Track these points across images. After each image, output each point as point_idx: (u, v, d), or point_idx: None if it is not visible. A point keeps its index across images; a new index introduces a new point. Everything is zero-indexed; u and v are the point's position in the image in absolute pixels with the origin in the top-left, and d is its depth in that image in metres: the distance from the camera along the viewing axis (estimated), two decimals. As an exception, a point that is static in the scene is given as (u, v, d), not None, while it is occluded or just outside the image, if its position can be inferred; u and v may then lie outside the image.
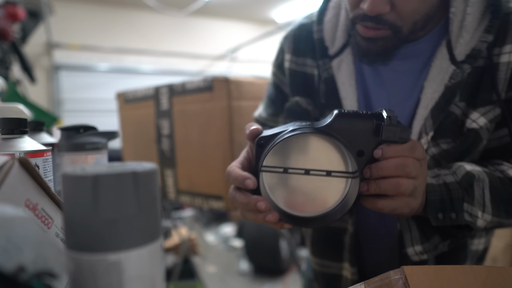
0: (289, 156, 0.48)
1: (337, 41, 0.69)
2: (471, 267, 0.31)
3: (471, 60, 0.58)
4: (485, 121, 0.59)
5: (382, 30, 0.58)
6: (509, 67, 0.58)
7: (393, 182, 0.46)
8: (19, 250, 0.23)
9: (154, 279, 0.26)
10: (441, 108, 0.59)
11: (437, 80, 0.60)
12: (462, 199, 0.55)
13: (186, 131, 1.30)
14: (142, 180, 0.25)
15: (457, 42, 0.59)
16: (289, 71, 0.75)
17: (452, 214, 0.54)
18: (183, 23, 5.45)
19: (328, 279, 0.78)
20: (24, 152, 0.54)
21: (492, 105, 0.59)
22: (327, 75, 0.69)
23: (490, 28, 0.57)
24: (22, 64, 2.30)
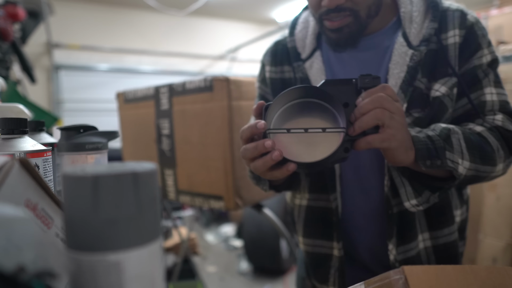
0: (291, 119, 0.59)
1: (307, 47, 0.84)
2: (471, 267, 0.31)
3: (425, 43, 0.73)
4: (445, 89, 0.73)
5: (345, 18, 0.71)
6: (455, 47, 0.74)
7: (371, 114, 0.57)
8: (19, 250, 0.23)
9: (154, 279, 0.26)
10: (408, 83, 0.73)
11: (400, 62, 0.74)
12: (444, 148, 0.65)
13: (186, 131, 1.30)
14: (142, 180, 0.25)
15: (410, 32, 0.75)
16: (270, 80, 0.89)
17: (438, 161, 0.64)
18: (183, 23, 5.45)
19: (320, 258, 0.85)
20: (24, 152, 0.54)
21: (449, 76, 0.74)
22: (302, 75, 0.83)
23: (434, 18, 0.74)
24: (22, 64, 2.29)
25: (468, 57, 0.75)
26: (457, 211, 0.81)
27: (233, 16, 5.70)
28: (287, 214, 2.61)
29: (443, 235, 0.77)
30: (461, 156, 0.66)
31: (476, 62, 0.75)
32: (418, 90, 0.73)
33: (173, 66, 5.39)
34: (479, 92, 0.75)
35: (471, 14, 0.77)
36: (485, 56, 0.75)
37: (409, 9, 0.77)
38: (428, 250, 0.77)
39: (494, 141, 0.71)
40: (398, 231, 0.75)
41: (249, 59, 5.86)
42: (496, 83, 0.77)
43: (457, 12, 0.77)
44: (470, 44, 0.75)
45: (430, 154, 0.64)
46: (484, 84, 0.75)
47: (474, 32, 0.75)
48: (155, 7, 4.46)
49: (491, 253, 1.94)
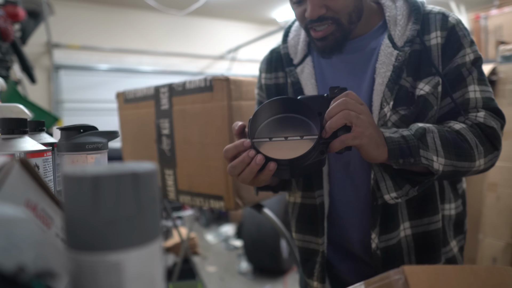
0: (272, 132, 0.66)
1: (299, 53, 0.90)
2: (471, 267, 0.31)
3: (409, 44, 0.78)
4: (429, 87, 0.77)
5: (328, 27, 0.77)
6: (438, 47, 0.78)
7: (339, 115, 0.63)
8: (19, 250, 0.23)
9: (154, 278, 0.26)
10: (394, 82, 0.77)
11: (386, 62, 0.79)
12: (418, 146, 0.70)
13: (186, 131, 1.30)
14: (141, 180, 0.25)
15: (395, 34, 0.80)
16: (265, 86, 0.96)
17: (411, 159, 0.69)
18: (183, 23, 5.45)
19: (307, 253, 0.91)
20: (24, 152, 0.54)
21: (432, 75, 0.78)
22: (293, 79, 0.89)
23: (416, 20, 0.79)
24: (22, 65, 2.29)
25: (451, 56, 0.79)
26: (451, 205, 0.85)
27: (233, 16, 5.70)
28: (287, 214, 2.61)
29: (422, 224, 0.81)
30: (435, 153, 0.71)
31: (459, 61, 0.78)
32: (404, 89, 0.78)
33: (173, 66, 5.39)
34: (463, 90, 0.79)
35: (452, 16, 0.81)
36: (467, 55, 0.79)
37: (393, 13, 0.82)
38: (408, 238, 0.81)
39: (472, 138, 0.75)
40: (381, 222, 0.79)
41: (249, 59, 5.86)
42: (480, 80, 0.80)
43: (439, 15, 0.81)
44: (452, 44, 0.79)
45: (402, 152, 0.69)
46: (468, 82, 0.79)
47: (456, 33, 0.79)
48: (155, 7, 4.46)
49: (491, 253, 1.94)
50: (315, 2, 0.74)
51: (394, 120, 0.77)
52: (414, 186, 0.74)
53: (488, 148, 0.76)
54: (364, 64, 0.83)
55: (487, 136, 0.77)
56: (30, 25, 2.50)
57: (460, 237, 0.89)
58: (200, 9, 4.76)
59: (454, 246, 0.86)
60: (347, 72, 0.85)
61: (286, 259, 3.01)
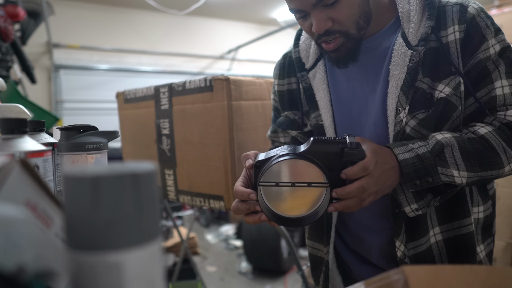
0: (279, 174, 0.64)
1: (311, 57, 0.87)
2: (471, 267, 0.31)
3: (423, 43, 0.72)
4: (449, 89, 0.71)
5: (337, 39, 0.74)
6: (457, 43, 0.72)
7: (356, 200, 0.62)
8: (19, 250, 0.23)
9: (154, 279, 0.26)
10: (409, 85, 0.72)
11: (400, 63, 0.73)
12: (434, 165, 0.67)
13: (186, 131, 1.30)
14: (141, 181, 0.25)
15: (409, 32, 0.74)
16: (278, 92, 0.94)
17: (429, 179, 0.67)
18: (183, 23, 5.45)
19: (315, 260, 0.91)
20: (24, 152, 0.54)
21: (453, 75, 0.72)
22: (305, 84, 0.86)
23: (430, 16, 0.73)
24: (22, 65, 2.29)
25: (472, 51, 0.72)
26: (480, 207, 0.80)
27: (233, 16, 5.70)
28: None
29: (453, 228, 0.76)
30: (456, 168, 0.67)
31: (481, 56, 0.72)
32: (420, 91, 0.72)
33: (173, 66, 5.39)
34: (489, 87, 0.72)
35: (472, 6, 0.73)
36: (492, 47, 0.72)
37: (406, 8, 0.75)
38: (440, 243, 0.77)
39: (499, 143, 0.69)
40: (407, 228, 0.75)
41: (249, 59, 5.86)
42: (510, 73, 0.72)
43: (456, 6, 0.74)
44: (473, 37, 0.72)
45: (418, 174, 0.67)
46: (494, 78, 0.72)
47: (476, 25, 0.72)
48: (155, 7, 4.46)
49: (491, 253, 1.94)
50: (320, 16, 0.71)
51: (413, 125, 0.72)
52: (436, 196, 0.71)
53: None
54: (378, 66, 0.78)
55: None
56: (30, 25, 2.50)
57: (489, 241, 0.83)
58: (200, 9, 4.76)
59: (481, 251, 0.81)
60: (361, 75, 0.81)
61: (286, 259, 3.01)
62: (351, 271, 0.89)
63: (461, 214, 0.76)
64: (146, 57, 5.22)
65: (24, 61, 2.27)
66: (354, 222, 0.85)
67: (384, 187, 0.66)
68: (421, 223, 0.75)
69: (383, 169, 0.65)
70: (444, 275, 0.30)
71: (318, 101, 0.84)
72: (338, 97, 0.84)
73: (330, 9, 0.70)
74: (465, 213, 0.76)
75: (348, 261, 0.89)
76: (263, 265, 3.06)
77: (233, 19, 5.84)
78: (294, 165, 0.64)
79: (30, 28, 2.50)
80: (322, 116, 0.84)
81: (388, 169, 0.65)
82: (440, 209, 0.76)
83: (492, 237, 0.84)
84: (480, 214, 0.80)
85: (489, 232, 0.83)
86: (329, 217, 0.85)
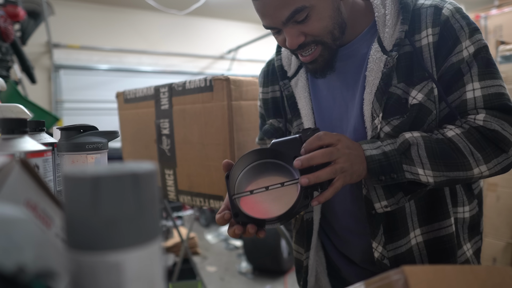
0: (252, 180, 0.65)
1: (293, 65, 0.87)
2: (471, 267, 0.31)
3: (397, 48, 0.71)
4: (422, 96, 0.71)
5: (314, 50, 0.73)
6: (430, 47, 0.71)
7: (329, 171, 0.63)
8: (19, 250, 0.23)
9: (154, 279, 0.26)
10: (383, 91, 0.72)
11: (375, 69, 0.73)
12: (400, 162, 0.68)
13: (186, 131, 1.30)
14: (141, 181, 0.25)
15: (384, 37, 0.73)
16: (263, 100, 0.94)
17: (394, 175, 0.68)
18: (183, 23, 5.45)
19: (298, 264, 0.92)
20: (24, 152, 0.54)
21: (426, 80, 0.71)
22: (288, 92, 0.86)
23: (403, 20, 0.72)
24: (22, 65, 2.29)
25: (446, 55, 0.71)
26: (465, 207, 0.80)
27: (233, 16, 5.70)
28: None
29: (433, 230, 0.77)
30: (421, 166, 0.68)
31: (454, 59, 0.70)
32: (395, 97, 0.72)
33: (173, 66, 5.39)
34: (461, 90, 0.71)
35: (446, 7, 0.72)
36: (466, 49, 0.70)
37: (382, 12, 0.74)
38: (420, 245, 0.77)
39: (466, 145, 0.68)
40: (386, 230, 0.75)
41: (249, 59, 5.86)
42: (483, 75, 0.70)
43: (431, 8, 0.72)
44: (447, 40, 0.71)
45: (383, 170, 0.67)
46: (466, 81, 0.71)
47: (450, 26, 0.70)
48: (155, 7, 4.46)
49: (491, 253, 1.94)
50: (292, 32, 0.71)
51: (387, 131, 0.73)
52: (406, 195, 0.71)
53: (490, 153, 0.69)
54: (356, 72, 0.78)
55: (491, 139, 0.69)
56: (30, 25, 2.50)
57: (476, 239, 0.83)
58: (200, 9, 4.76)
59: (468, 249, 0.81)
60: (341, 82, 0.80)
61: (286, 259, 3.01)
62: (340, 271, 0.90)
63: (440, 215, 0.76)
64: (146, 57, 5.22)
65: (24, 61, 2.27)
66: (339, 226, 0.86)
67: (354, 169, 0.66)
68: (400, 224, 0.75)
69: (351, 151, 0.66)
70: (444, 275, 0.30)
71: (300, 109, 0.84)
72: (319, 104, 0.84)
73: (301, 25, 0.70)
74: (445, 215, 0.76)
75: (337, 262, 0.90)
76: (263, 265, 3.06)
77: (233, 19, 5.84)
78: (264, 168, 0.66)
79: (30, 28, 2.50)
80: (304, 124, 0.84)
81: (356, 154, 0.67)
82: (421, 210, 0.76)
83: (480, 235, 0.84)
84: (466, 214, 0.80)
85: (476, 230, 0.83)
86: (310, 223, 0.85)
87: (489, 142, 0.69)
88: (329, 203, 0.85)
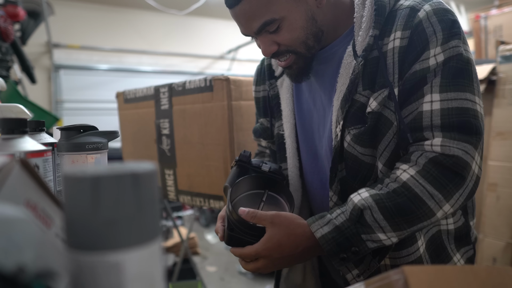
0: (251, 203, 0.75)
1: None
2: (471, 267, 0.32)
3: (364, 54, 0.66)
4: (376, 104, 0.65)
5: (289, 58, 0.73)
6: (394, 52, 0.65)
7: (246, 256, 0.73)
8: (19, 250, 0.23)
9: (154, 278, 0.26)
10: (346, 98, 0.68)
11: (344, 75, 0.70)
12: (357, 233, 0.62)
13: (186, 131, 1.30)
14: (141, 181, 0.25)
15: (357, 41, 0.68)
16: (255, 99, 0.93)
17: (355, 249, 0.62)
18: (183, 23, 5.45)
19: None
20: (24, 152, 0.54)
21: (384, 88, 0.65)
22: (273, 92, 0.86)
23: (375, 24, 0.66)
24: (22, 65, 2.29)
25: (412, 62, 0.63)
26: (449, 219, 0.75)
27: (233, 16, 5.69)
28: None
29: (400, 256, 0.70)
30: (381, 230, 0.61)
31: (417, 67, 0.63)
32: (357, 104, 0.67)
33: (173, 66, 5.39)
34: (418, 102, 0.63)
35: (424, 8, 0.64)
36: (434, 57, 0.62)
37: (360, 14, 0.69)
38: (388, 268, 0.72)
39: (423, 189, 0.60)
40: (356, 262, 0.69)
41: (249, 59, 5.85)
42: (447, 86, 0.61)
43: (406, 10, 0.65)
44: (415, 46, 0.63)
45: (341, 247, 0.62)
46: (425, 91, 0.62)
47: (422, 30, 0.63)
48: (155, 7, 4.46)
49: (491, 253, 1.94)
50: (265, 41, 0.71)
51: (348, 140, 0.69)
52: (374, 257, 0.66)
53: (451, 188, 0.61)
54: (333, 76, 0.74)
55: (450, 167, 0.60)
56: (30, 25, 2.50)
57: (467, 248, 0.78)
58: (200, 9, 4.75)
59: (459, 259, 0.76)
60: (319, 86, 0.78)
61: (286, 259, 3.01)
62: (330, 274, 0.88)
63: (408, 242, 0.69)
64: (146, 57, 5.22)
65: (24, 61, 2.27)
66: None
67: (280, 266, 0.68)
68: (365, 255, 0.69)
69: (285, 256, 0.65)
70: (444, 275, 0.30)
71: (282, 110, 0.84)
72: (300, 107, 0.83)
73: (273, 35, 0.70)
74: (412, 240, 0.70)
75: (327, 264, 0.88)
76: (263, 265, 3.06)
77: (233, 19, 5.83)
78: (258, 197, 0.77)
79: (30, 28, 2.50)
80: (284, 125, 0.83)
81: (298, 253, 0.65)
82: None
83: (471, 245, 0.78)
84: (450, 226, 0.75)
85: (465, 241, 0.77)
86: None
87: (448, 174, 0.61)
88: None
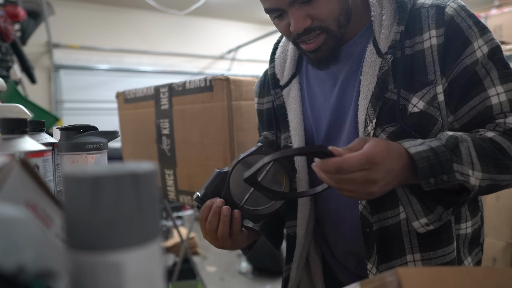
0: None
1: (286, 73, 0.81)
2: (467, 269, 0.31)
3: (392, 50, 0.66)
4: (424, 104, 0.65)
5: (318, 37, 0.68)
6: (433, 50, 0.65)
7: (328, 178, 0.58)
8: (19, 250, 0.23)
9: (154, 278, 0.26)
10: (378, 96, 0.66)
11: (370, 73, 0.68)
12: (450, 160, 0.58)
13: (186, 131, 1.30)
14: (141, 181, 0.25)
15: (380, 38, 0.68)
16: (258, 111, 0.90)
17: (444, 176, 0.57)
18: (183, 23, 5.45)
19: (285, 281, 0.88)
20: (24, 152, 0.54)
21: (428, 86, 0.65)
22: (279, 102, 0.81)
23: (399, 21, 0.67)
24: (22, 65, 2.29)
25: (456, 57, 0.65)
26: (469, 223, 0.73)
27: (233, 16, 5.70)
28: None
29: (436, 257, 0.68)
30: (471, 166, 0.59)
31: (467, 61, 0.65)
32: (390, 102, 0.67)
33: (173, 66, 5.38)
34: (482, 95, 0.65)
35: (450, 5, 0.66)
36: (479, 49, 0.65)
37: (378, 12, 0.69)
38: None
39: (510, 146, 0.62)
40: (379, 249, 0.69)
41: (249, 59, 5.86)
42: (503, 77, 0.65)
43: (432, 8, 0.67)
44: (455, 41, 0.65)
45: (433, 170, 0.56)
46: (487, 85, 0.65)
47: (457, 26, 0.65)
48: (155, 7, 4.46)
49: (491, 253, 1.94)
50: (298, 14, 0.65)
51: (384, 138, 0.67)
52: (447, 208, 0.63)
53: None
54: (352, 76, 0.73)
55: None
56: (30, 25, 2.50)
57: (477, 250, 0.77)
58: (200, 9, 4.75)
59: (470, 263, 0.74)
60: (337, 88, 0.75)
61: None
62: (336, 274, 0.86)
63: (445, 241, 0.68)
64: (146, 57, 5.22)
65: (24, 61, 2.27)
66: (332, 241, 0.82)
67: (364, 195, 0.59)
68: (394, 243, 0.69)
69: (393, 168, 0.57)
70: (439, 276, 0.30)
71: (290, 121, 0.79)
72: (315, 113, 0.79)
73: (308, 6, 0.65)
74: (449, 240, 0.68)
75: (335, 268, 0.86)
76: (263, 265, 3.06)
77: (233, 19, 5.83)
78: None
79: (30, 28, 2.50)
80: (292, 137, 0.79)
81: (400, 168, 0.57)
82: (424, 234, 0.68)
83: (480, 246, 0.78)
84: (468, 230, 0.73)
85: (477, 242, 0.77)
86: (292, 237, 0.81)
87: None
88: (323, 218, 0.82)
